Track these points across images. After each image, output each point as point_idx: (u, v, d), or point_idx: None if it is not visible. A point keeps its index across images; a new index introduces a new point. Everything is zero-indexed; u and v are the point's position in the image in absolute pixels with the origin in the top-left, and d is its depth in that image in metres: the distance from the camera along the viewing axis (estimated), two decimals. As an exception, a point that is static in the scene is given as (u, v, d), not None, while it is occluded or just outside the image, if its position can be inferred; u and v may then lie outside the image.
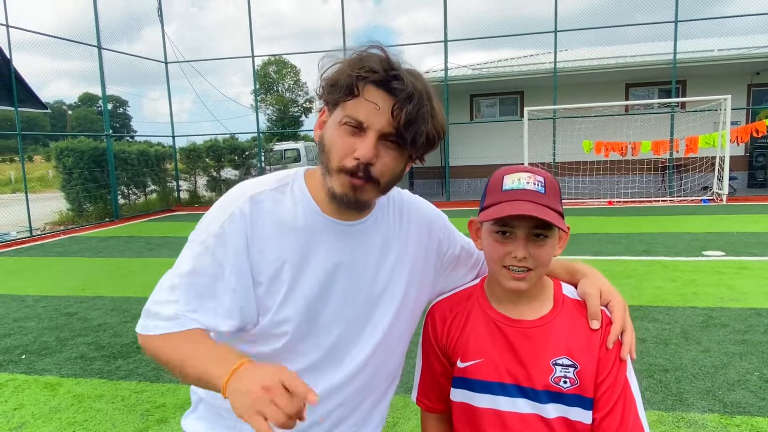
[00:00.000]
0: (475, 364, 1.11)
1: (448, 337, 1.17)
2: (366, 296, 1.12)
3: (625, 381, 1.06)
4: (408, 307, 1.19)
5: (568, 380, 1.05)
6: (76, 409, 3.31)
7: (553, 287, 1.15)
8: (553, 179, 1.09)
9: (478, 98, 17.10)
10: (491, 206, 1.05)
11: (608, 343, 1.06)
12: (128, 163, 14.63)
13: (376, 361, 1.15)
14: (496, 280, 1.10)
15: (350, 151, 0.98)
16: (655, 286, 5.52)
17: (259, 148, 16.50)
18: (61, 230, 12.07)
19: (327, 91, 1.00)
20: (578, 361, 1.06)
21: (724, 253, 6.89)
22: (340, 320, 1.10)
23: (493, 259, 1.08)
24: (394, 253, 1.15)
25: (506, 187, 1.05)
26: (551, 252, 1.07)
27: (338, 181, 1.00)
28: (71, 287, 6.46)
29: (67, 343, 4.48)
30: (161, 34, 16.17)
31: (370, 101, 0.96)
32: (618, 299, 1.11)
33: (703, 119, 13.54)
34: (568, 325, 1.09)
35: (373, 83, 0.97)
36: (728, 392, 3.19)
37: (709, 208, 11.59)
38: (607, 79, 15.08)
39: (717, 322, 4.36)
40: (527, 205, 1.01)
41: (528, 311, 1.11)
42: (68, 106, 51.01)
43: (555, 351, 1.07)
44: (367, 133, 0.97)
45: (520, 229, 1.03)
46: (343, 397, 1.13)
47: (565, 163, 14.42)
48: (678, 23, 13.18)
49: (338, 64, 1.00)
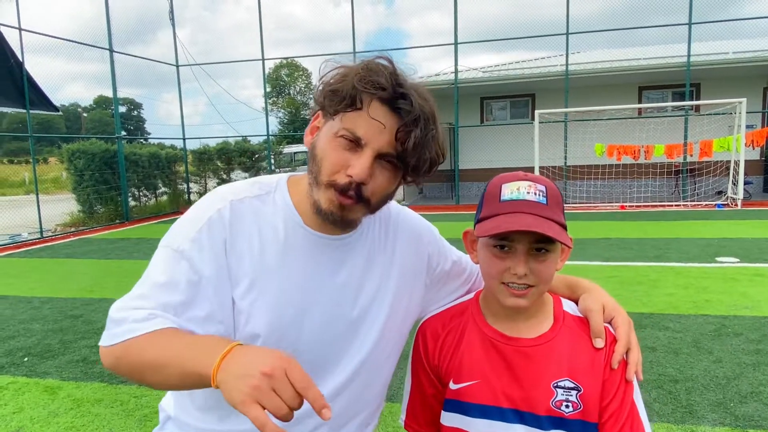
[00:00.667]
0: (470, 386, 1.04)
1: (440, 357, 1.09)
2: (349, 314, 1.05)
3: (632, 404, 0.99)
4: (395, 325, 1.12)
5: (570, 404, 0.98)
6: (75, 414, 3.29)
7: (552, 303, 1.07)
8: (555, 188, 1.01)
9: (489, 101, 17.00)
10: (488, 218, 0.98)
11: (613, 363, 0.99)
12: (139, 165, 14.73)
13: (362, 381, 1.08)
14: (494, 296, 1.03)
15: (343, 166, 0.92)
16: (667, 292, 5.40)
17: (269, 151, 16.55)
18: (71, 232, 12.16)
19: (327, 97, 0.94)
20: (581, 384, 0.98)
21: (739, 260, 6.73)
22: (320, 339, 1.03)
23: (490, 275, 1.01)
24: (379, 269, 1.08)
25: (504, 197, 0.98)
26: (553, 267, 0.99)
27: (326, 195, 0.94)
28: (78, 289, 6.48)
29: (70, 346, 4.47)
30: (173, 37, 16.29)
31: (375, 119, 0.90)
32: (622, 315, 1.04)
33: (718, 122, 13.34)
34: (570, 343, 1.02)
35: (378, 99, 0.91)
36: (740, 405, 3.08)
37: (724, 213, 11.39)
38: (619, 82, 14.91)
39: (730, 331, 4.24)
40: (528, 218, 0.94)
41: (526, 329, 1.04)
42: (83, 109, 51.63)
43: (556, 372, 0.99)
44: (364, 150, 0.92)
45: (520, 244, 0.96)
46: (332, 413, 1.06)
47: (576, 166, 14.27)
48: (692, 25, 13.00)
49: (342, 70, 0.94)
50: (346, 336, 1.05)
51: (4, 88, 10.70)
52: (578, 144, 13.82)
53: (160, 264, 0.96)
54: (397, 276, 1.11)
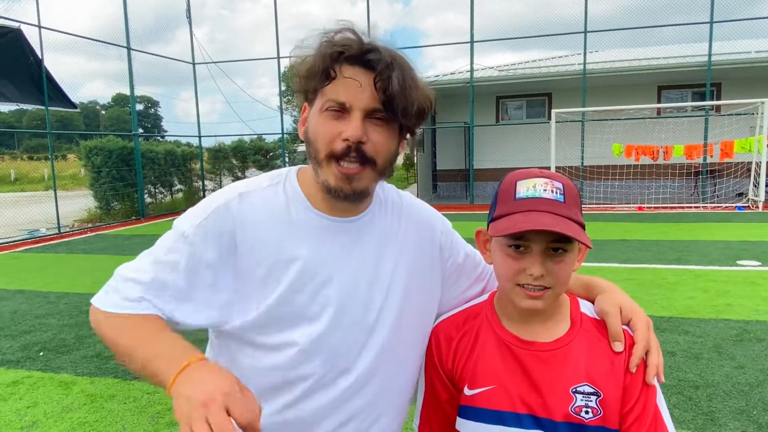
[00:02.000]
0: (485, 392, 1.00)
1: (454, 361, 1.05)
2: (363, 296, 1.03)
3: (656, 409, 0.94)
4: (412, 310, 1.08)
5: (590, 410, 0.93)
6: (88, 409, 3.30)
7: (569, 305, 1.03)
8: (573, 185, 0.96)
9: (505, 100, 16.86)
10: (503, 217, 0.94)
11: (631, 366, 0.94)
12: (155, 163, 14.86)
13: (385, 370, 1.05)
14: (509, 298, 0.99)
15: (336, 134, 0.92)
16: (687, 296, 5.29)
17: (283, 149, 16.60)
18: (88, 227, 12.29)
19: (304, 82, 0.96)
20: (601, 389, 0.94)
21: (760, 263, 6.58)
22: (338, 322, 1.01)
23: (505, 276, 0.96)
24: (392, 251, 1.06)
25: (520, 195, 0.94)
26: (571, 268, 0.95)
27: (330, 171, 0.94)
28: (94, 284, 6.53)
29: (85, 341, 4.49)
30: (189, 35, 16.39)
31: (349, 78, 0.90)
32: (641, 316, 0.99)
33: (739, 123, 13.08)
34: (588, 347, 0.97)
35: (347, 61, 0.91)
36: (764, 412, 2.99)
37: (745, 215, 11.17)
38: (638, 81, 14.70)
39: (752, 336, 4.13)
40: (545, 217, 0.89)
41: (543, 332, 0.99)
42: (102, 106, 52.33)
43: (575, 377, 0.95)
44: (351, 112, 0.92)
45: (536, 244, 0.91)
46: (352, 411, 1.03)
47: (593, 167, 14.10)
48: (713, 24, 12.76)
49: (310, 55, 0.95)
50: (363, 319, 1.03)
51: (23, 85, 10.85)
52: (595, 144, 13.65)
53: (166, 243, 0.99)
54: (410, 260, 1.09)
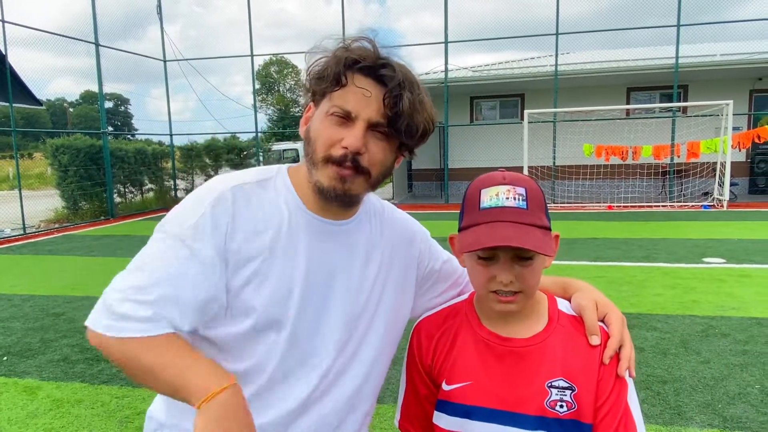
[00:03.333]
0: (462, 387, 1.01)
1: (434, 357, 1.07)
2: (347, 299, 1.04)
3: (626, 405, 0.96)
4: (389, 315, 1.11)
5: (564, 404, 0.95)
6: (54, 415, 3.21)
7: (547, 302, 1.05)
8: (537, 187, 0.97)
9: (479, 100, 17.01)
10: (469, 228, 0.96)
11: (604, 358, 0.97)
12: (125, 162, 14.55)
13: (355, 375, 1.07)
14: (484, 302, 1.02)
15: (337, 140, 0.93)
16: (655, 293, 5.41)
17: (257, 148, 16.43)
18: (55, 228, 11.97)
19: (314, 83, 0.96)
20: (576, 383, 0.96)
21: (725, 261, 6.78)
22: (321, 321, 1.02)
23: (478, 284, 0.99)
24: (376, 259, 1.09)
25: (484, 204, 0.95)
26: (539, 271, 0.97)
27: (325, 172, 0.94)
28: (60, 287, 6.36)
29: (51, 345, 4.37)
30: (161, 32, 16.10)
31: (360, 87, 0.91)
32: (615, 312, 1.02)
33: (705, 124, 13.45)
34: (564, 343, 0.99)
35: (360, 71, 0.93)
36: (728, 406, 3.08)
37: (710, 214, 11.49)
38: (608, 83, 14.99)
39: (717, 332, 4.25)
40: (508, 229, 0.91)
41: (520, 329, 1.01)
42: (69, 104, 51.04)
43: (550, 372, 0.97)
44: (355, 122, 0.93)
45: (503, 253, 0.93)
46: (327, 410, 1.04)
47: (565, 166, 14.32)
48: (680, 27, 13.09)
49: (324, 57, 0.95)
50: (346, 323, 1.04)
51: (-15, 81, 10.50)
52: (567, 144, 13.88)
53: (159, 252, 0.93)
54: (391, 268, 1.11)
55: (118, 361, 0.90)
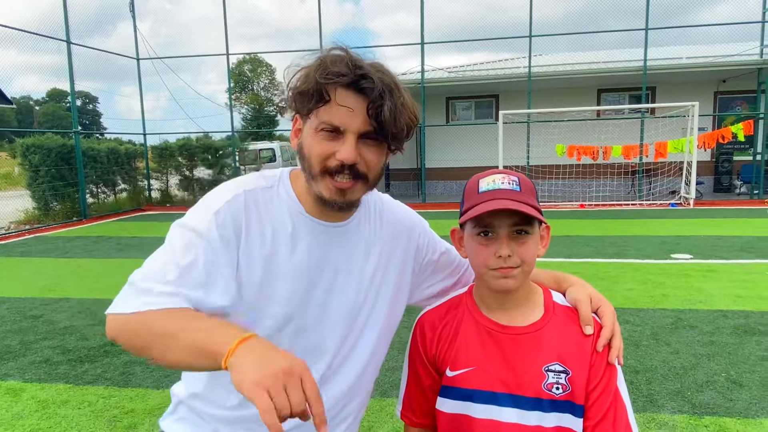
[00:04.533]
0: (466, 373, 1.09)
1: (437, 347, 1.14)
2: (348, 297, 1.12)
3: (616, 389, 1.06)
4: (387, 309, 1.19)
5: (560, 386, 1.04)
6: (41, 416, 3.20)
7: (543, 294, 1.14)
8: (528, 179, 1.09)
9: (454, 101, 17.21)
10: (470, 208, 1.05)
11: (598, 346, 1.06)
12: (97, 161, 14.27)
13: (355, 371, 1.15)
14: (485, 283, 1.09)
15: (330, 153, 0.99)
16: (626, 288, 5.62)
17: (233, 148, 16.30)
18: (26, 230, 11.70)
19: (297, 100, 1.00)
20: (570, 368, 1.05)
21: (692, 256, 7.05)
22: (323, 320, 1.10)
23: (479, 262, 1.07)
24: (375, 255, 1.16)
25: (482, 189, 1.06)
26: (535, 249, 1.06)
27: (324, 185, 1.01)
28: (36, 289, 6.26)
29: (32, 347, 4.33)
30: (133, 29, 15.86)
31: (343, 105, 0.96)
32: (608, 306, 1.12)
33: (672, 125, 13.88)
34: (560, 331, 1.08)
35: (342, 86, 0.96)
36: (697, 393, 3.25)
37: (677, 212, 11.88)
38: (579, 84, 15.35)
39: (686, 324, 4.46)
40: (505, 201, 1.01)
41: (519, 317, 1.10)
42: (35, 102, 49.66)
43: (547, 357, 1.06)
44: (345, 135, 0.98)
45: (501, 228, 1.03)
46: (328, 399, 1.11)
47: (539, 166, 14.60)
48: (649, 30, 13.48)
49: (303, 71, 0.99)
50: (347, 318, 1.12)
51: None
52: (540, 144, 14.15)
53: (180, 244, 0.98)
54: (390, 262, 1.19)
55: (132, 339, 0.91)
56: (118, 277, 6.73)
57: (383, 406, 3.13)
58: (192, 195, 16.20)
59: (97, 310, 5.28)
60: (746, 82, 14.49)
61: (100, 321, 4.95)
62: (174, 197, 16.54)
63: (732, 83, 15.01)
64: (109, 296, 5.05)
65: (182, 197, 16.51)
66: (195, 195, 16.11)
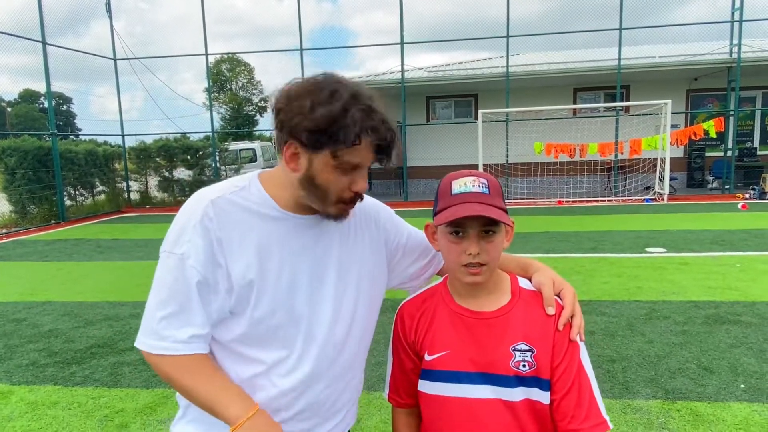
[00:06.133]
0: (441, 356, 1.19)
1: (416, 333, 1.25)
2: (329, 283, 1.20)
3: (579, 363, 1.17)
4: (370, 292, 1.28)
5: (526, 363, 1.15)
6: (31, 417, 3.22)
7: (509, 281, 1.25)
8: (496, 180, 1.20)
9: (434, 100, 17.35)
10: (444, 210, 1.15)
11: (559, 325, 1.16)
12: (75, 163, 14.08)
13: (340, 361, 1.23)
14: (456, 277, 1.20)
15: (347, 187, 1.11)
16: (603, 281, 5.79)
17: (213, 148, 16.20)
18: (3, 234, 11.51)
19: (313, 136, 1.03)
20: (535, 346, 1.15)
21: (666, 250, 7.28)
22: (309, 307, 1.17)
23: (451, 258, 1.17)
24: (350, 244, 1.25)
25: (455, 191, 1.16)
26: (500, 246, 1.17)
27: (336, 208, 1.14)
28: (18, 293, 6.21)
29: (17, 350, 4.33)
30: (110, 29, 15.67)
31: (368, 150, 1.08)
32: (569, 288, 1.23)
33: (646, 123, 14.21)
34: (525, 313, 1.19)
35: (368, 136, 1.06)
36: (670, 380, 3.41)
37: (652, 207, 12.18)
38: (556, 83, 15.61)
39: (659, 315, 4.63)
40: (475, 206, 1.11)
41: (488, 303, 1.20)
42: (7, 103, 48.51)
43: (513, 337, 1.16)
44: (360, 170, 1.12)
45: (471, 228, 1.13)
46: (328, 380, 1.21)
47: (517, 164, 14.82)
48: (622, 30, 13.77)
49: (325, 108, 1.02)
50: (334, 306, 1.21)
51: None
52: (519, 143, 14.37)
53: (168, 272, 1.09)
54: (362, 254, 1.27)
55: (166, 376, 1.11)
56: (100, 279, 6.71)
57: (371, 400, 3.22)
58: (172, 196, 16.07)
59: (81, 313, 5.28)
60: (717, 80, 14.89)
61: (86, 323, 4.95)
62: (153, 198, 16.38)
63: (703, 81, 15.41)
64: (91, 299, 5.08)
65: (162, 198, 16.36)
66: (175, 196, 15.98)
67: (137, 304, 5.42)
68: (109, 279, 6.71)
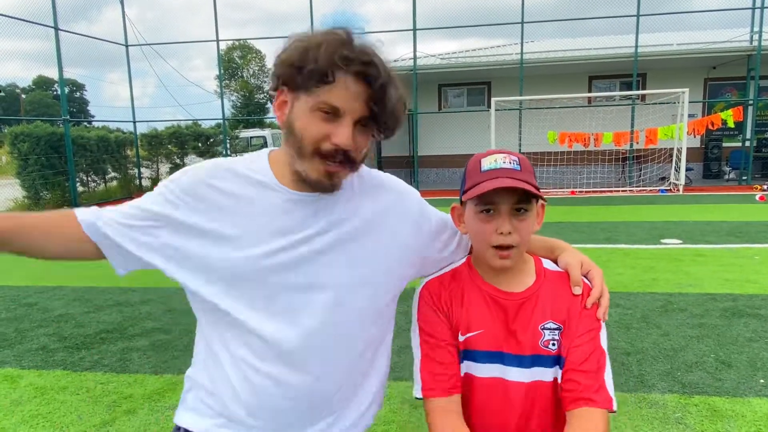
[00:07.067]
0: (477, 335, 1.16)
1: (451, 307, 1.19)
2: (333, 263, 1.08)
3: (599, 343, 1.14)
4: (381, 273, 1.14)
5: (555, 342, 1.13)
6: (39, 402, 3.22)
7: (534, 263, 1.22)
8: (526, 159, 1.14)
9: (446, 88, 17.17)
10: (473, 186, 1.10)
11: (588, 303, 1.14)
12: (87, 150, 14.15)
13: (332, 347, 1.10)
14: (484, 259, 1.15)
15: (326, 135, 0.97)
16: (617, 272, 5.70)
17: (224, 135, 16.20)
18: (16, 218, 11.60)
19: (294, 74, 0.97)
20: (562, 323, 1.14)
21: (682, 241, 7.15)
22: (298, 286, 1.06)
23: (480, 239, 1.13)
24: (352, 226, 1.10)
25: (485, 167, 1.11)
26: (532, 226, 1.13)
27: (312, 166, 1.00)
28: (30, 277, 6.25)
29: (27, 335, 4.34)
30: (122, 15, 15.65)
31: (345, 88, 0.96)
32: (597, 269, 1.19)
33: (662, 112, 13.97)
34: (552, 293, 1.16)
35: (347, 69, 0.95)
36: (686, 373, 3.33)
37: (667, 198, 11.99)
38: (570, 71, 15.37)
39: (675, 307, 4.54)
40: (508, 180, 1.06)
41: (515, 284, 1.17)
42: (22, 90, 48.92)
43: (542, 317, 1.14)
44: (343, 119, 0.97)
45: (503, 205, 1.08)
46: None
47: (530, 153, 14.63)
48: (640, 17, 13.50)
49: (299, 45, 0.97)
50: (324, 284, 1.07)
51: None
52: (532, 131, 14.20)
53: (146, 196, 1.17)
54: (375, 230, 1.13)
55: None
56: (110, 265, 6.71)
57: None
58: (183, 183, 16.09)
59: (92, 298, 5.29)
60: (736, 68, 14.58)
61: (96, 308, 4.95)
62: (165, 185, 16.44)
63: (722, 70, 15.10)
64: (103, 284, 5.06)
65: (173, 185, 16.40)
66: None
67: (147, 290, 5.43)
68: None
